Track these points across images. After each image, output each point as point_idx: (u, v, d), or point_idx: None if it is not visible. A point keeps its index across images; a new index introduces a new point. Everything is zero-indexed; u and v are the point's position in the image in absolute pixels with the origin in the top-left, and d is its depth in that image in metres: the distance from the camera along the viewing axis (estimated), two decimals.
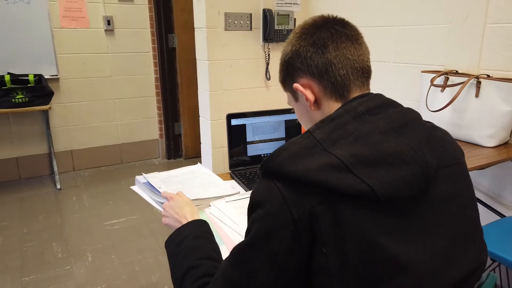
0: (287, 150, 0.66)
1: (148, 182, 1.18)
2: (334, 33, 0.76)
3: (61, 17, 3.28)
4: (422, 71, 1.96)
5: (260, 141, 1.38)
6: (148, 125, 3.87)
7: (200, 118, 2.87)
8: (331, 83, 0.74)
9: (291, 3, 2.71)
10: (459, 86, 1.73)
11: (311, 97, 0.76)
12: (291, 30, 2.72)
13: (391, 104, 0.72)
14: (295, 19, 2.71)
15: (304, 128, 0.86)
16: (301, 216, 0.62)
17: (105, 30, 3.47)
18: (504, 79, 1.63)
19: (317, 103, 0.76)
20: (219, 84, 2.68)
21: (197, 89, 3.74)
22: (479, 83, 1.69)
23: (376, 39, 2.30)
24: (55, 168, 3.35)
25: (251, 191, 0.72)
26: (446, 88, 1.81)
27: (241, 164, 1.38)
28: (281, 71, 0.82)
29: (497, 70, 1.75)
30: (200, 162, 1.62)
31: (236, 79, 2.73)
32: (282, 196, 0.63)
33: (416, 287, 0.61)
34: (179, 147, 3.97)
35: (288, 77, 0.80)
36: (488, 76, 1.70)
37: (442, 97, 1.81)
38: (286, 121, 1.40)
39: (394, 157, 0.63)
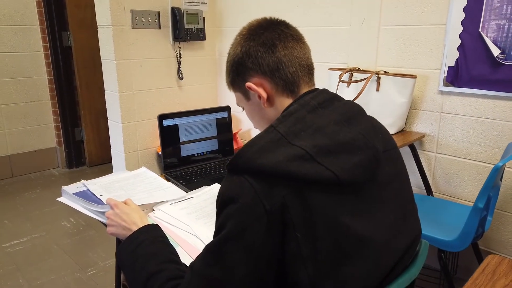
0: (254, 145, 0.69)
1: (88, 190, 1.09)
2: (281, 33, 0.81)
3: None
4: (329, 69, 2.14)
5: (193, 141, 1.38)
6: (43, 132, 3.50)
7: (108, 121, 2.70)
8: (282, 80, 0.79)
9: (199, 2, 2.71)
10: (362, 82, 1.94)
11: (264, 94, 0.79)
12: (201, 29, 2.72)
13: (336, 98, 0.80)
14: (204, 18, 2.72)
15: (256, 125, 0.89)
16: (273, 207, 0.65)
17: None
18: (397, 75, 1.88)
19: (269, 100, 0.80)
20: (128, 84, 2.56)
21: (98, 90, 3.52)
22: (379, 78, 1.92)
23: None
24: None
25: (218, 189, 0.72)
26: (351, 83, 2.01)
27: (175, 165, 1.36)
28: (229, 72, 0.85)
29: (391, 67, 2.00)
30: (111, 169, 1.53)
31: (147, 79, 2.63)
32: (254, 190, 0.66)
33: (377, 258, 0.69)
34: (81, 154, 3.67)
35: (238, 77, 0.82)
36: (385, 72, 1.94)
37: (348, 92, 2.01)
38: (217, 119, 1.42)
39: (350, 144, 0.70)
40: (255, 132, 2.83)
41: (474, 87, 1.73)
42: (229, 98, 2.96)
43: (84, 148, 3.65)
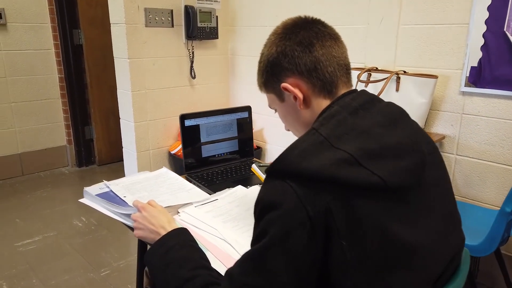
0: (296, 148, 0.66)
1: (111, 191, 1.07)
2: (318, 32, 0.78)
3: None
4: None
5: (214, 141, 1.35)
6: (53, 131, 3.49)
7: (120, 120, 2.68)
8: (320, 81, 0.76)
9: (212, 1, 2.68)
10: (381, 82, 1.91)
11: (300, 95, 0.76)
12: (214, 27, 2.69)
13: (376, 99, 0.77)
14: (217, 16, 2.69)
15: (290, 128, 0.86)
16: (317, 213, 0.62)
17: None
18: (418, 75, 1.84)
19: (305, 101, 0.78)
20: (141, 83, 2.54)
21: (108, 89, 3.50)
22: (398, 78, 1.88)
23: None
24: None
25: (258, 193, 0.70)
26: (369, 83, 1.98)
27: (195, 166, 1.33)
28: (263, 73, 0.82)
29: (410, 67, 1.96)
30: (121, 168, 1.51)
31: (160, 78, 2.61)
32: (297, 195, 0.63)
33: (423, 266, 0.67)
34: (91, 152, 3.66)
35: (272, 78, 0.80)
36: (405, 72, 1.91)
37: None
38: (238, 119, 1.39)
39: (397, 148, 0.67)
40: (268, 132, 2.80)
41: (497, 88, 1.69)
42: (241, 97, 2.94)
43: (94, 147, 3.64)
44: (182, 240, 0.85)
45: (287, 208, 0.63)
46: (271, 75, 0.80)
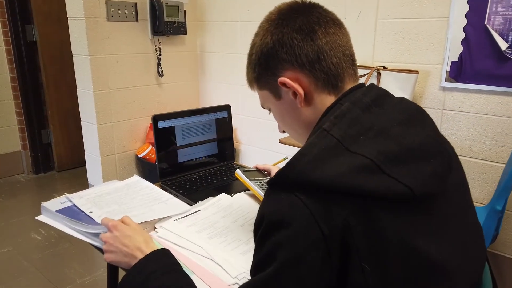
0: (306, 154, 0.55)
1: (74, 205, 0.92)
2: (319, 17, 0.67)
3: None
4: None
5: (191, 144, 1.22)
6: (5, 135, 3.20)
7: (82, 123, 2.47)
8: (324, 74, 0.65)
9: None
10: (361, 78, 1.84)
11: (301, 91, 0.65)
12: (182, 22, 2.54)
13: (387, 94, 0.68)
14: (185, 11, 2.54)
15: (286, 129, 0.75)
16: (333, 231, 0.52)
17: None
18: (399, 70, 1.79)
19: (307, 98, 0.67)
20: (104, 82, 2.34)
21: (67, 89, 3.25)
22: (379, 74, 1.82)
23: None
24: None
25: (260, 208, 0.58)
26: None
27: (171, 172, 1.20)
28: (255, 67, 0.70)
29: (389, 62, 1.91)
30: (84, 173, 1.34)
31: (124, 76, 2.42)
32: (309, 211, 0.53)
33: (452, 286, 0.57)
34: (49, 158, 3.39)
35: (267, 72, 0.68)
36: (385, 67, 1.85)
37: None
38: (216, 120, 1.27)
39: (421, 150, 0.58)
40: (242, 132, 2.68)
41: (478, 82, 1.66)
42: (211, 97, 2.80)
43: (53, 152, 3.38)
44: (163, 263, 0.72)
45: (297, 227, 0.53)
46: (265, 68, 0.68)
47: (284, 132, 0.79)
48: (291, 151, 2.02)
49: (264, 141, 2.55)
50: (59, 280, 1.94)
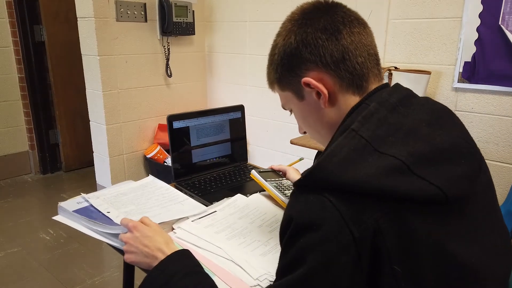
0: (336, 155, 0.54)
1: (91, 205, 0.91)
2: (344, 17, 0.66)
3: None
4: None
5: (205, 145, 1.22)
6: (14, 135, 3.20)
7: (90, 123, 2.48)
8: (349, 73, 0.64)
9: None
10: None
11: (325, 91, 0.65)
12: (190, 23, 2.54)
13: (412, 94, 0.67)
14: (193, 11, 2.54)
15: (309, 130, 0.74)
16: (364, 234, 0.51)
17: None
18: (411, 71, 1.78)
19: (331, 98, 0.66)
20: (113, 82, 2.35)
21: (75, 89, 3.26)
22: (390, 74, 1.81)
23: None
24: None
25: (287, 210, 0.57)
26: None
27: (185, 173, 1.19)
28: (277, 67, 0.69)
29: (401, 63, 1.90)
30: (91, 174, 1.34)
31: (133, 76, 2.43)
32: (339, 213, 0.52)
33: None
34: (56, 158, 3.40)
35: (289, 72, 0.67)
36: (396, 68, 1.84)
37: None
38: (230, 120, 1.26)
39: (451, 151, 0.57)
40: (250, 132, 2.65)
41: (492, 83, 1.65)
42: (220, 97, 2.80)
43: (60, 152, 3.38)
44: (185, 265, 0.71)
45: (328, 230, 0.52)
46: (288, 69, 0.68)
47: (304, 133, 0.78)
48: (301, 152, 2.01)
49: (273, 142, 2.54)
50: (69, 280, 1.94)
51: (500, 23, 1.58)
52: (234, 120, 1.27)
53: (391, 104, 0.61)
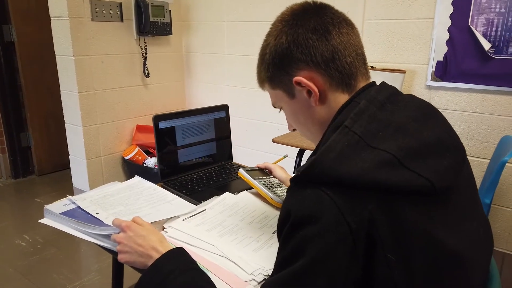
0: (331, 151, 0.57)
1: (79, 207, 0.90)
2: (333, 18, 0.69)
3: None
4: None
5: (191, 144, 1.22)
6: None
7: (66, 125, 2.42)
8: (338, 73, 0.67)
9: None
10: None
11: (316, 90, 0.67)
12: (167, 23, 2.52)
13: (397, 91, 0.70)
14: (170, 11, 2.52)
15: (299, 128, 0.77)
16: (359, 225, 0.54)
17: None
18: (387, 70, 1.84)
19: (321, 96, 0.68)
20: (89, 83, 2.30)
21: (47, 90, 3.17)
22: None
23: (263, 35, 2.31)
24: None
25: (284, 204, 0.59)
26: None
27: (171, 173, 1.19)
28: (268, 66, 0.71)
29: (377, 62, 1.96)
30: (66, 177, 1.31)
31: (110, 77, 2.39)
32: (336, 205, 0.54)
33: (467, 278, 0.61)
34: (29, 162, 3.28)
35: (281, 71, 0.70)
36: (372, 67, 1.89)
37: None
38: (215, 120, 1.27)
39: (437, 145, 0.60)
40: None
41: (463, 81, 1.73)
42: (198, 97, 2.79)
43: (32, 155, 3.27)
44: (180, 262, 0.72)
45: (326, 222, 0.54)
46: (279, 68, 0.70)
47: (294, 130, 0.80)
48: (281, 150, 2.04)
49: (252, 141, 2.56)
50: (48, 286, 1.89)
51: (469, 24, 1.66)
52: (219, 119, 1.28)
53: (379, 102, 0.64)
